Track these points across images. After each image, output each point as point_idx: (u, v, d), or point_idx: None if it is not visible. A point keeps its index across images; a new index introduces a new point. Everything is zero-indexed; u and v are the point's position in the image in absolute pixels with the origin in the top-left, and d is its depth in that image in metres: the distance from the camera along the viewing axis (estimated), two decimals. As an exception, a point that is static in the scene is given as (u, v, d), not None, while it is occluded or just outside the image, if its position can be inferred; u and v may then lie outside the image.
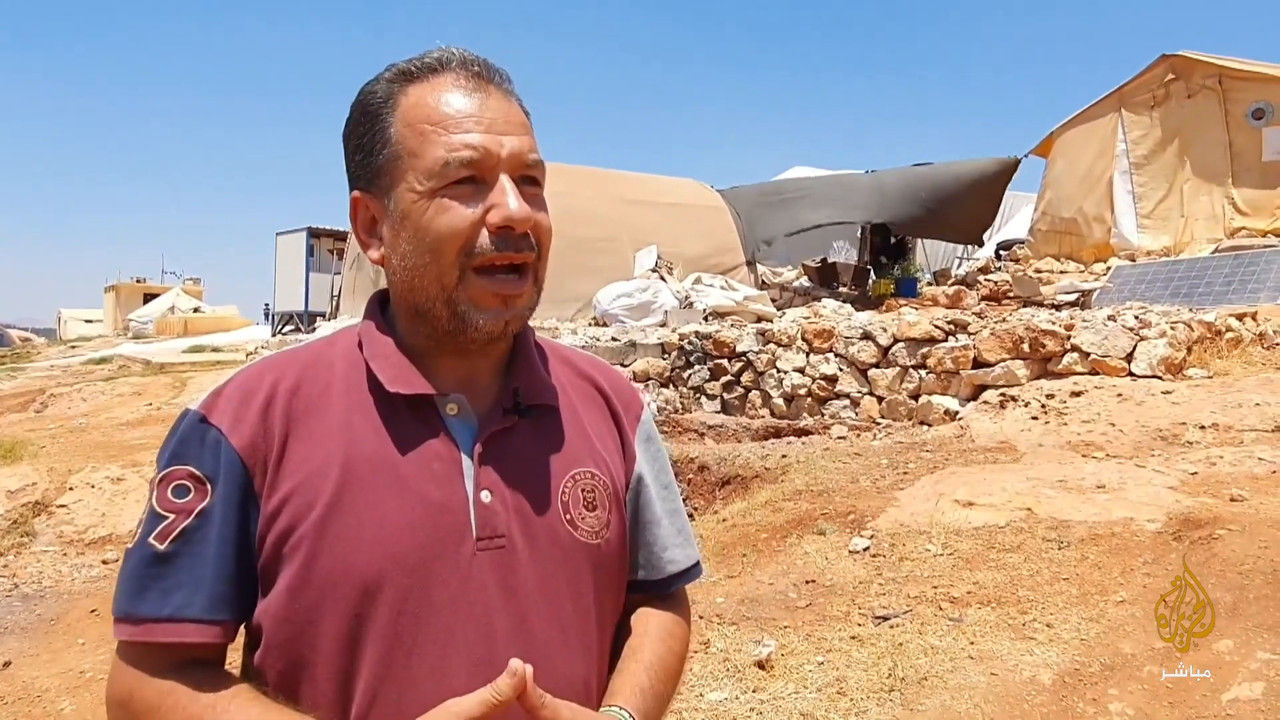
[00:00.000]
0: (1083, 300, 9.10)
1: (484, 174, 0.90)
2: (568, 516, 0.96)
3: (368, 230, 0.97)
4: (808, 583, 3.70)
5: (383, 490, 0.89)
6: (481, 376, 0.98)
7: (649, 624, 1.06)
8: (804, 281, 14.34)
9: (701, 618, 3.44)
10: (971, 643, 3.05)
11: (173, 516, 0.88)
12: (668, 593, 1.11)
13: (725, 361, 8.13)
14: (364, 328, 0.99)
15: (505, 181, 0.91)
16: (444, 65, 0.93)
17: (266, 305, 23.76)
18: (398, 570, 0.87)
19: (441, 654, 0.88)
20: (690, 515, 5.45)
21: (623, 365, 8.54)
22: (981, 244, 14.83)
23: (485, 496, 0.92)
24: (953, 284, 11.88)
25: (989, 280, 10.68)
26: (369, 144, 0.94)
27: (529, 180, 0.94)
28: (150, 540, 0.88)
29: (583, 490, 0.98)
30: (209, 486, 0.88)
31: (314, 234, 21.68)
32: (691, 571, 1.12)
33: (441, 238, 0.90)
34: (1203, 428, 4.94)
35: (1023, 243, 13.21)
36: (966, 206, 13.50)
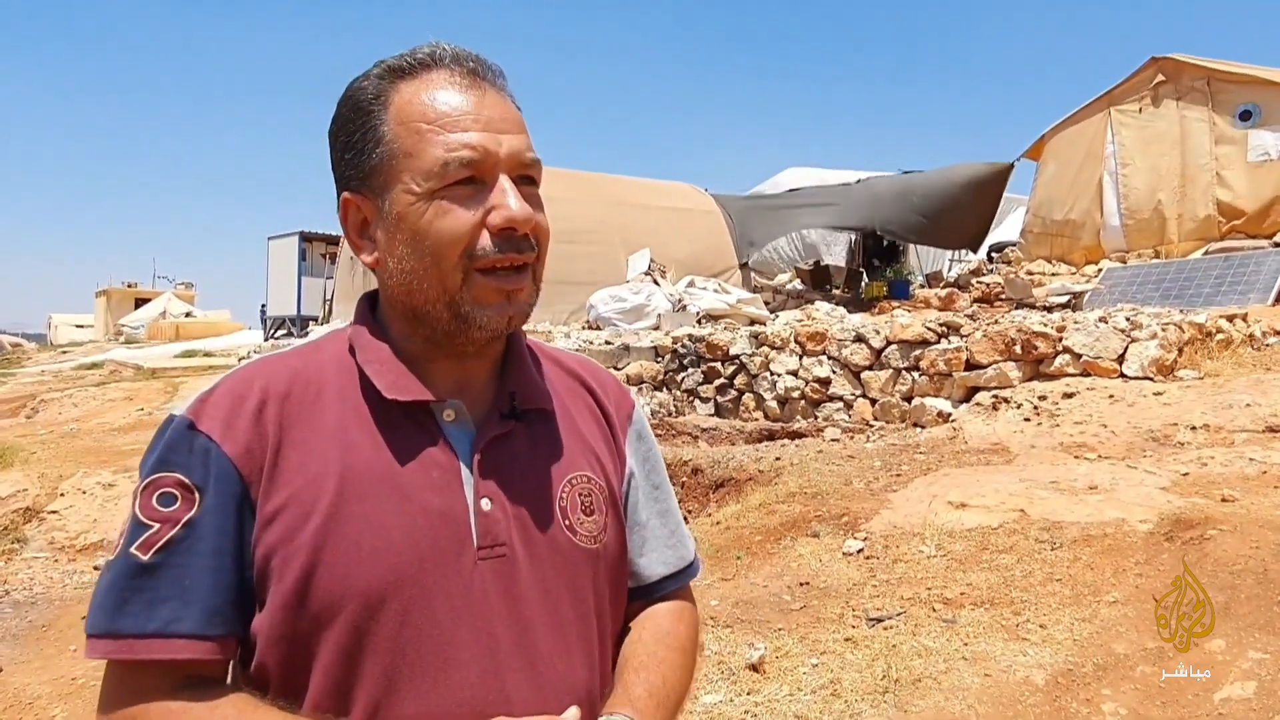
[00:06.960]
0: (1074, 302, 9.14)
1: (483, 174, 0.88)
2: (567, 522, 0.95)
3: (360, 233, 0.93)
4: (802, 585, 3.70)
5: (382, 501, 0.87)
6: (477, 380, 0.96)
7: (644, 629, 1.04)
8: (797, 284, 14.38)
9: (696, 620, 3.44)
10: (965, 644, 3.05)
11: (157, 526, 0.83)
12: (659, 596, 1.08)
13: (719, 364, 8.14)
14: (355, 331, 0.96)
15: (505, 182, 0.88)
16: (436, 61, 0.90)
17: (263, 306, 23.36)
18: (400, 582, 0.85)
19: (444, 666, 0.86)
20: (684, 518, 5.46)
21: (616, 368, 8.54)
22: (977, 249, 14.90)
23: (486, 504, 0.90)
24: (945, 286, 11.92)
25: (981, 282, 10.71)
26: (360, 143, 0.90)
27: (527, 180, 0.91)
28: (133, 550, 0.83)
29: (580, 495, 0.97)
30: (197, 495, 0.84)
31: (306, 238, 21.67)
32: (680, 575, 1.09)
33: (443, 241, 0.87)
34: (1194, 428, 4.96)
35: (1014, 245, 13.25)
36: (963, 213, 13.54)
